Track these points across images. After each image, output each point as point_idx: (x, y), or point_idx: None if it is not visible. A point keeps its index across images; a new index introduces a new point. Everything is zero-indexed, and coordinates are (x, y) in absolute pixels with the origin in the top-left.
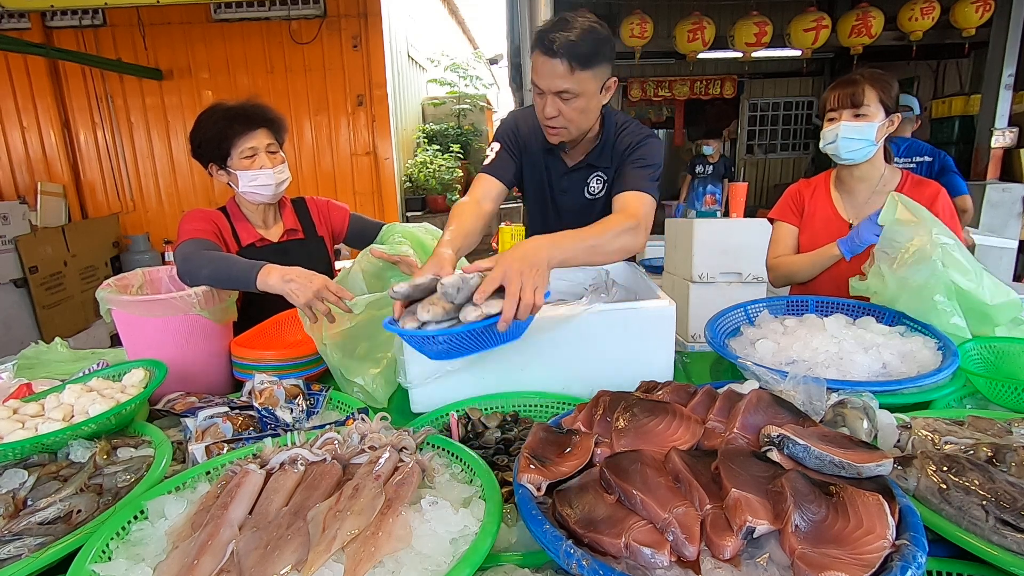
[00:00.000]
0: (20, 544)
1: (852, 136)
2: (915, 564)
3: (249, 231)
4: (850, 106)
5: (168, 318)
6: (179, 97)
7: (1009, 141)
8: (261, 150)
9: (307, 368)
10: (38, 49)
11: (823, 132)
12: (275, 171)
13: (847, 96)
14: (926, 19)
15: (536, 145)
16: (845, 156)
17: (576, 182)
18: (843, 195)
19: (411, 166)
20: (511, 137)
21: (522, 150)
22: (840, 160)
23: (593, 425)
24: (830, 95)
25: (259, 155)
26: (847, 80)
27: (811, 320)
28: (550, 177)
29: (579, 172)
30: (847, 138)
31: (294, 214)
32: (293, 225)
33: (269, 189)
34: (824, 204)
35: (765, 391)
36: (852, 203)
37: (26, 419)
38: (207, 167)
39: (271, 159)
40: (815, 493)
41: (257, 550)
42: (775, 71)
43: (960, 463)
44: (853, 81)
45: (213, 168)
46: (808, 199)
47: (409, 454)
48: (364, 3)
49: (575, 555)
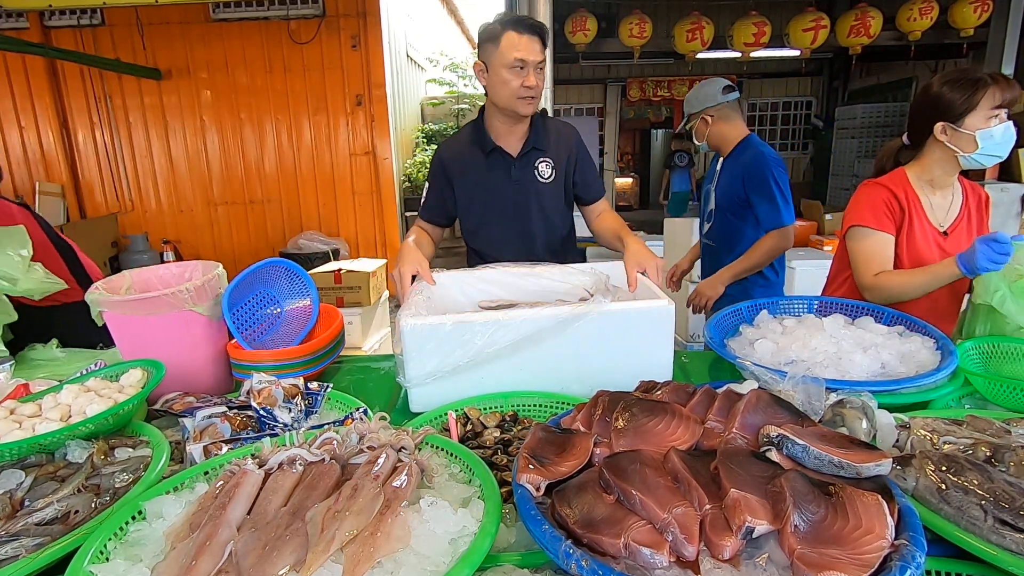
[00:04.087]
0: (17, 545)
1: (1014, 136)
2: (914, 564)
3: None
4: (1008, 104)
5: (161, 316)
6: (178, 97)
7: None
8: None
9: (306, 368)
10: (36, 49)
11: (989, 131)
12: None
13: (1010, 95)
14: (925, 19)
15: (473, 156)
16: (1003, 157)
17: (526, 169)
18: (931, 199)
19: (410, 166)
20: (439, 173)
21: (453, 177)
22: (990, 164)
23: (592, 425)
24: (999, 90)
25: None
26: (995, 75)
27: (810, 320)
28: (502, 173)
29: (526, 158)
30: (1014, 138)
31: None
32: None
33: None
34: (918, 210)
35: (764, 391)
36: (939, 207)
37: (23, 419)
38: None
39: None
40: (814, 493)
41: (255, 550)
42: (774, 71)
43: (959, 463)
44: (1006, 77)
45: None
46: (906, 206)
47: (408, 454)
48: (363, 3)
49: (574, 555)
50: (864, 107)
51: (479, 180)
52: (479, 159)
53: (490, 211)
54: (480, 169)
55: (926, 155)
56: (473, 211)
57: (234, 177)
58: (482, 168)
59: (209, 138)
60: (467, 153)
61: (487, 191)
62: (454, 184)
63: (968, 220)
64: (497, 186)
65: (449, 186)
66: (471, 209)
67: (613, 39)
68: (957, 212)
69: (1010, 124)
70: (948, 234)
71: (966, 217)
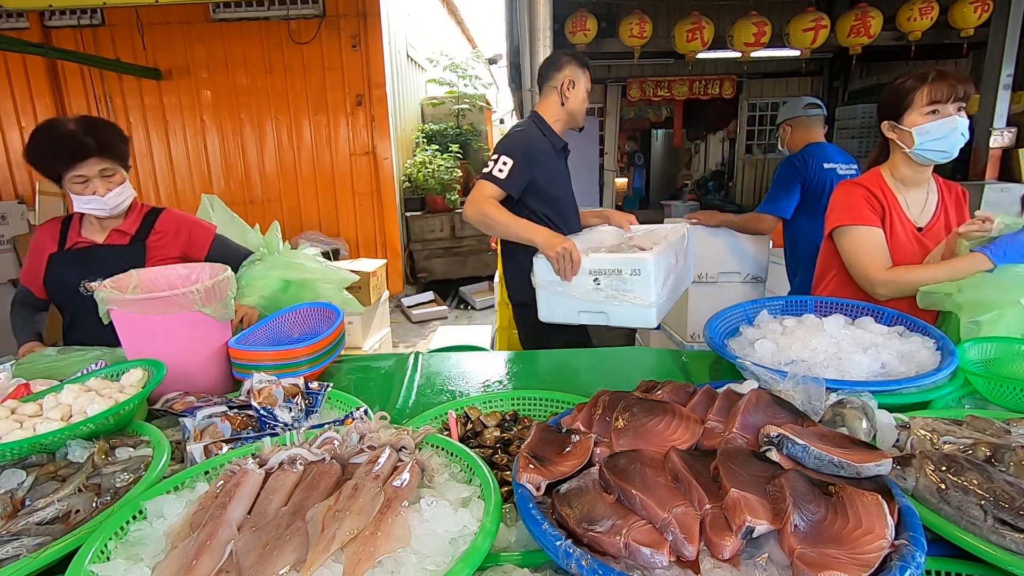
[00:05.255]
0: (18, 544)
1: (965, 133)
2: (914, 564)
3: (75, 235)
4: (956, 99)
5: (169, 316)
6: (178, 97)
7: (1008, 141)
8: (93, 176)
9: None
10: (37, 49)
11: (925, 127)
12: (108, 197)
13: (953, 88)
14: (925, 19)
15: (549, 150)
16: (953, 154)
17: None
18: (906, 196)
19: (410, 166)
20: (529, 159)
21: (538, 164)
22: (938, 160)
23: (592, 425)
24: (939, 87)
25: (91, 181)
26: (942, 72)
27: (810, 320)
28: (564, 164)
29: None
30: (962, 135)
31: (138, 221)
32: (126, 229)
33: (103, 212)
34: (895, 207)
35: (764, 391)
36: (915, 204)
37: (24, 419)
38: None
39: (105, 184)
40: (814, 493)
41: (256, 550)
42: (774, 71)
43: (959, 463)
44: (949, 73)
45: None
46: (884, 204)
47: (408, 453)
48: (363, 3)
49: (574, 555)
50: (864, 107)
51: (555, 168)
52: (552, 153)
53: (562, 190)
54: (554, 160)
55: (892, 154)
56: (552, 190)
57: (234, 177)
58: (555, 159)
59: (209, 138)
60: (545, 148)
61: (561, 176)
62: (537, 169)
63: (945, 216)
64: (564, 173)
65: (532, 170)
66: (551, 189)
67: (613, 39)
68: (934, 209)
69: (954, 119)
70: (924, 231)
71: (943, 214)
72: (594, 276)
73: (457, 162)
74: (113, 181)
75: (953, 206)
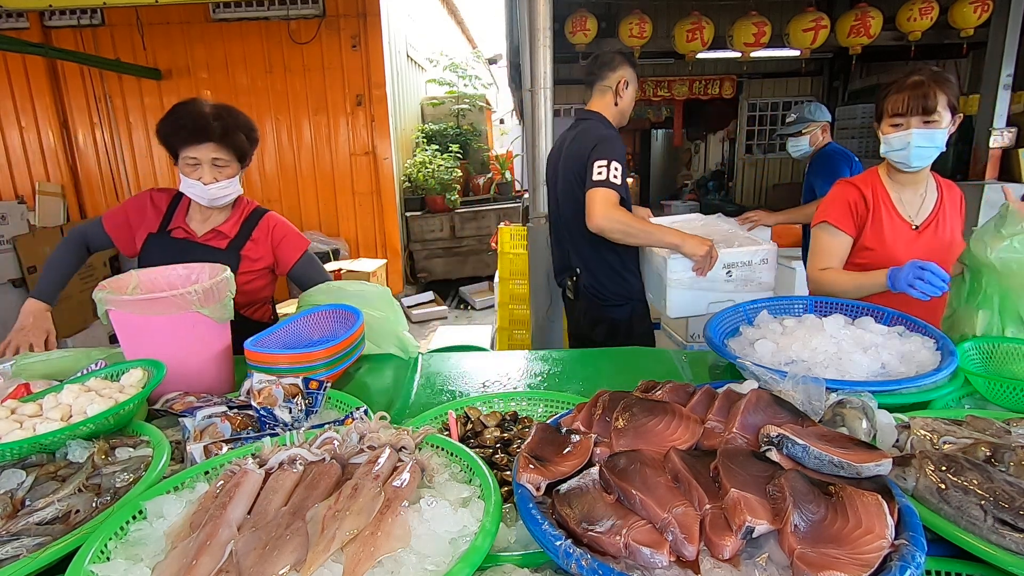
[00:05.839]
0: (18, 544)
1: (924, 144)
2: (914, 564)
3: (180, 217)
4: (921, 112)
5: (167, 317)
6: (178, 97)
7: (1007, 141)
8: (205, 162)
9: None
10: (37, 49)
11: (887, 138)
12: (210, 187)
13: (918, 102)
14: (925, 19)
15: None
16: (915, 164)
17: None
18: (901, 195)
19: (410, 166)
20: (623, 160)
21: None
22: (908, 168)
23: (592, 425)
24: (896, 99)
25: (201, 166)
26: (914, 83)
27: (810, 320)
28: None
29: None
30: (920, 147)
31: (240, 223)
32: (227, 231)
33: (202, 200)
34: (887, 205)
35: (764, 391)
36: (910, 203)
37: (24, 419)
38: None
39: (213, 172)
40: (814, 493)
41: (256, 550)
42: (774, 71)
43: (959, 463)
44: (920, 84)
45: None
46: (871, 203)
47: (408, 454)
48: (363, 3)
49: (574, 555)
50: (864, 107)
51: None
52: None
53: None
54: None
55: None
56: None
57: None
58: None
59: None
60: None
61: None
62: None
63: (943, 217)
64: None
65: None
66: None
67: (613, 39)
68: (931, 209)
69: (909, 133)
70: (920, 229)
71: (940, 214)
72: (727, 269)
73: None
74: (223, 173)
75: (951, 207)
